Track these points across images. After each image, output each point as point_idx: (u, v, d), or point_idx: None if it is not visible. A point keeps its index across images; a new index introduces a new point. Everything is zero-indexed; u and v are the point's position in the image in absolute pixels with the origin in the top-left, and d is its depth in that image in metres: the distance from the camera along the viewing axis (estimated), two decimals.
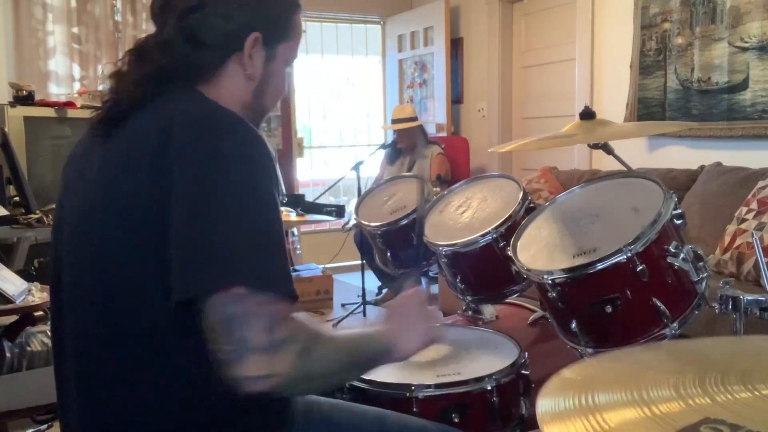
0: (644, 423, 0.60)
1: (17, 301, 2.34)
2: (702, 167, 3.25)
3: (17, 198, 3.26)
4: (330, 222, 3.90)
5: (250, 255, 0.87)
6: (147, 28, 4.68)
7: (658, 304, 1.23)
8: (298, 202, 3.76)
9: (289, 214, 3.68)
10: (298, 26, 1.09)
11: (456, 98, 5.29)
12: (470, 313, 1.78)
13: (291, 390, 0.96)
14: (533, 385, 1.39)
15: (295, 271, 4.71)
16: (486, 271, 1.62)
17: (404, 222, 1.80)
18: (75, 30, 4.47)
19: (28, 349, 2.65)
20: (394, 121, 4.61)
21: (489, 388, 1.27)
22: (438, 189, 3.85)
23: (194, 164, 0.88)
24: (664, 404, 0.62)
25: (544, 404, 0.66)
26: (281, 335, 0.87)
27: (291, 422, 1.05)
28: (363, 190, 2.96)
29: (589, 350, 1.31)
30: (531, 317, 1.73)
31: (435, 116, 5.27)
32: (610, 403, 0.64)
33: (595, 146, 1.72)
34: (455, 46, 5.22)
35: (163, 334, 0.91)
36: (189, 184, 0.87)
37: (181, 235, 0.86)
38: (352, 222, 2.00)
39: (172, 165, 0.88)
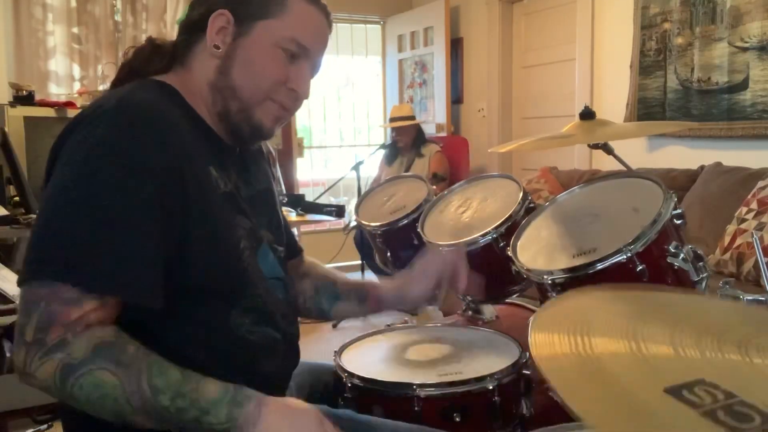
0: (638, 367, 0.59)
1: (17, 301, 2.34)
2: (702, 167, 3.25)
3: (17, 198, 3.26)
4: (330, 222, 3.91)
5: (62, 248, 0.85)
6: (147, 28, 4.68)
7: None
8: (298, 202, 3.77)
9: (289, 214, 3.68)
10: (289, 5, 1.04)
11: (456, 98, 5.30)
12: (470, 313, 1.78)
13: (67, 402, 0.84)
14: (534, 385, 1.39)
15: None
16: (486, 271, 1.61)
17: (404, 222, 1.80)
18: (75, 30, 4.47)
19: None
20: (392, 120, 4.62)
21: (490, 387, 1.27)
22: (435, 187, 3.85)
23: (61, 160, 0.90)
24: (661, 357, 0.62)
25: (538, 337, 0.66)
26: (51, 339, 0.82)
27: None
28: (363, 190, 2.96)
29: None
30: (531, 317, 1.73)
31: (435, 116, 5.28)
32: (605, 345, 0.63)
33: (595, 146, 1.72)
34: (455, 46, 5.22)
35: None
36: (52, 178, 0.90)
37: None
38: (353, 223, 2.00)
39: (57, 160, 0.91)
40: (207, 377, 0.86)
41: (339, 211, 3.68)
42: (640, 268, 1.21)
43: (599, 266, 1.22)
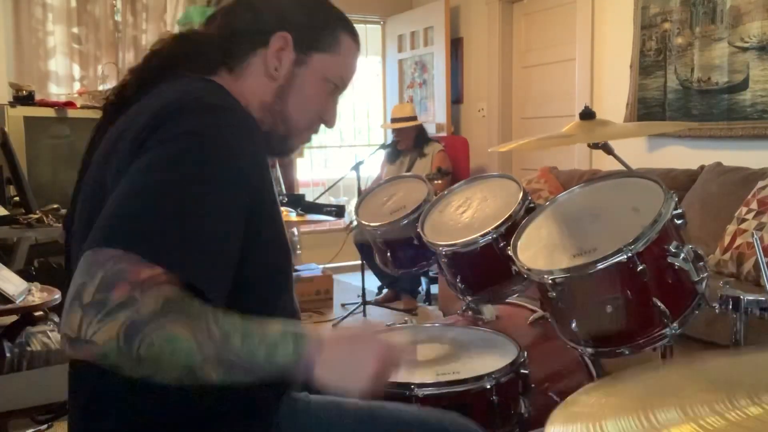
0: None
1: (17, 301, 2.34)
2: (702, 167, 3.25)
3: (17, 198, 3.26)
4: (330, 222, 3.91)
5: (145, 222, 0.82)
6: (147, 28, 4.69)
7: (659, 304, 1.23)
8: (298, 202, 3.77)
9: (289, 214, 3.68)
10: (342, 43, 1.09)
11: (456, 98, 5.29)
12: (470, 313, 1.78)
13: (126, 370, 0.78)
14: (533, 385, 1.39)
15: (296, 271, 4.72)
16: (486, 271, 1.61)
17: (404, 222, 1.80)
18: (75, 30, 4.47)
19: (28, 349, 2.66)
20: (393, 120, 4.61)
21: (488, 386, 1.27)
22: (440, 182, 3.84)
23: (155, 142, 0.88)
24: (677, 429, 0.60)
25: None
26: (115, 298, 0.75)
27: (276, 424, 1.03)
28: (363, 190, 2.96)
29: (589, 350, 1.31)
30: (531, 317, 1.73)
31: (435, 116, 5.28)
32: None
33: (595, 146, 1.72)
34: (455, 46, 5.22)
35: None
36: (140, 159, 0.88)
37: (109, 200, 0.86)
38: (354, 222, 2.00)
39: (147, 143, 0.89)
40: (264, 319, 0.85)
41: (339, 211, 3.68)
42: (641, 268, 1.21)
43: (599, 266, 1.22)
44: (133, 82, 1.04)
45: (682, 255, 1.21)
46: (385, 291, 4.59)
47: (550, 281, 1.28)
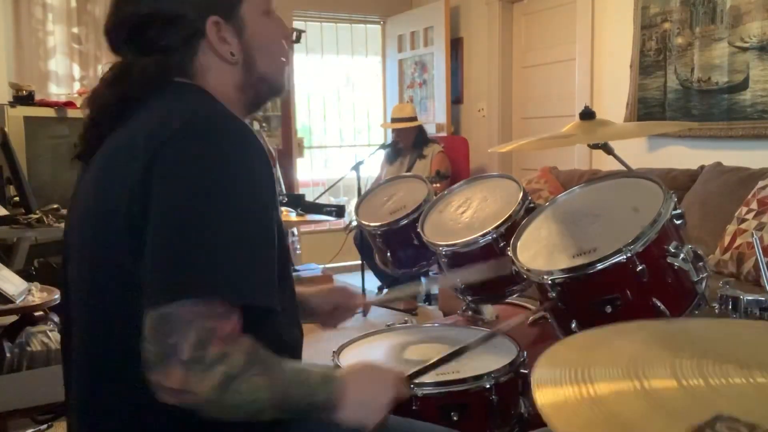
0: (650, 412, 0.58)
1: (17, 301, 2.34)
2: (702, 167, 3.25)
3: (17, 198, 3.26)
4: (330, 222, 3.90)
5: (210, 263, 0.85)
6: None
7: (658, 304, 1.23)
8: (298, 202, 3.77)
9: (289, 214, 3.68)
10: None
11: (456, 98, 5.29)
12: (470, 313, 1.78)
13: (208, 413, 0.87)
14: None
15: (296, 271, 4.71)
16: None
17: (404, 222, 1.80)
18: (75, 30, 4.47)
19: (28, 349, 2.66)
20: (393, 120, 4.61)
21: (488, 386, 1.27)
22: (438, 185, 3.85)
23: (173, 168, 0.88)
24: (667, 393, 0.61)
25: (541, 373, 0.65)
26: (212, 354, 0.84)
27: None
28: (363, 190, 2.96)
29: None
30: (531, 317, 1.73)
31: (435, 116, 5.28)
32: (610, 388, 0.63)
33: (595, 146, 1.72)
34: (455, 46, 5.22)
35: None
36: (166, 189, 0.87)
37: (153, 242, 0.87)
38: (354, 222, 2.00)
39: (153, 168, 0.88)
40: (301, 362, 0.97)
41: (339, 211, 3.68)
42: (640, 268, 1.21)
43: (599, 266, 1.22)
44: (95, 133, 1.03)
45: (682, 255, 1.21)
46: (385, 291, 4.59)
47: (549, 281, 1.28)
